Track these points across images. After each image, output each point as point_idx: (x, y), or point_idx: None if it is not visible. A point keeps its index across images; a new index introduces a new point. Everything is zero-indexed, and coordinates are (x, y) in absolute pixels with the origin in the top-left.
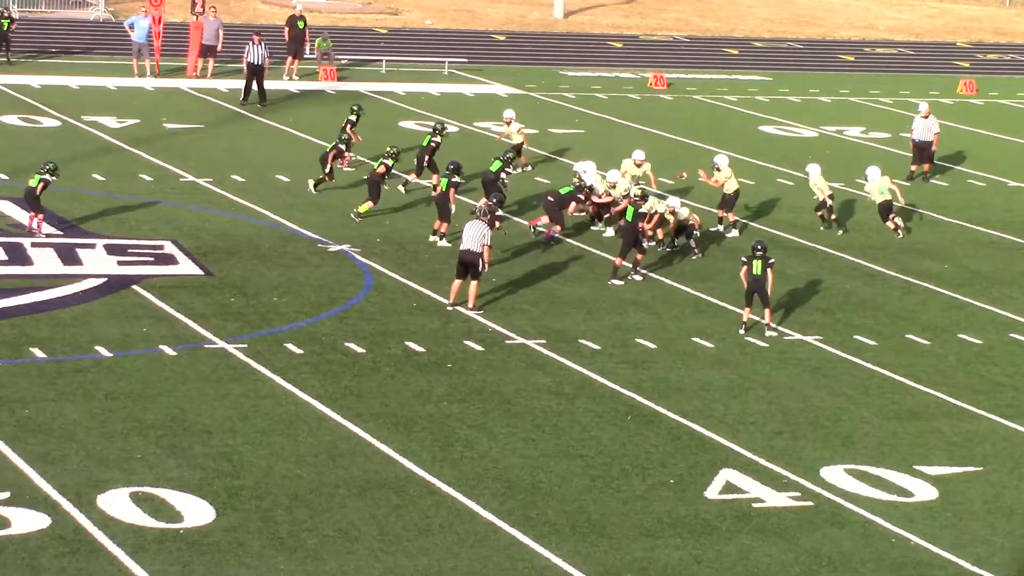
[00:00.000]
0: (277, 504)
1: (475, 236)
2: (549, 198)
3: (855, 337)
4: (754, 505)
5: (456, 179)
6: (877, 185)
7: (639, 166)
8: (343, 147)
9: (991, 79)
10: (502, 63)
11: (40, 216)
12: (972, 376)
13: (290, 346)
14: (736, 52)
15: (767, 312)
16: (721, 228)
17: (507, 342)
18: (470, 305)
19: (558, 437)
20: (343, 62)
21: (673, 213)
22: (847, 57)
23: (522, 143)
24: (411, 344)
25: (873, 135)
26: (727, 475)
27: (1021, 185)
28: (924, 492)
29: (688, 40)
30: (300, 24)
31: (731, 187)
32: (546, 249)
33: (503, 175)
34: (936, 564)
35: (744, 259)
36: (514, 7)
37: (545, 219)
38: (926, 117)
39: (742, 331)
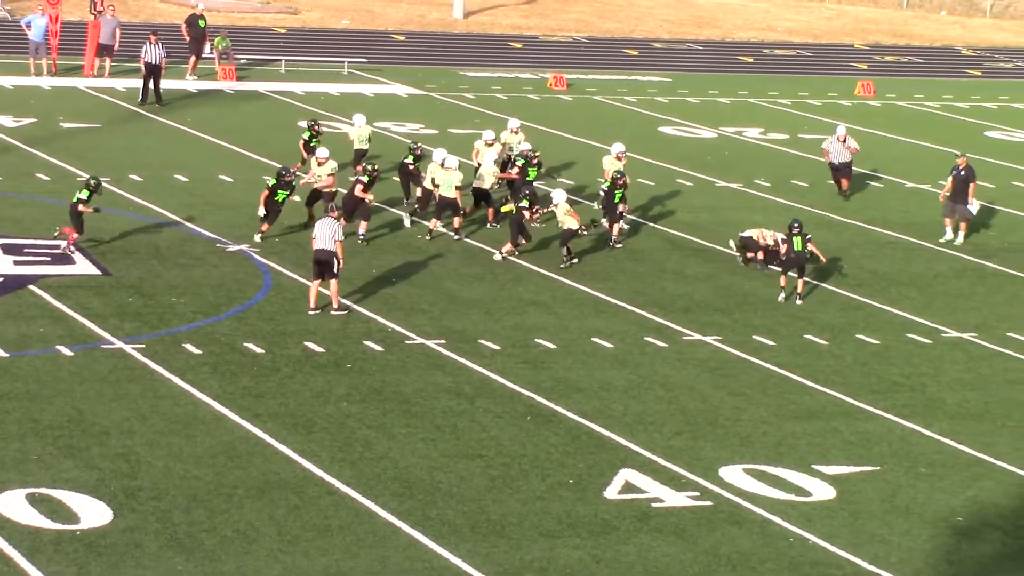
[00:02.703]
0: (175, 505)
1: (327, 234)
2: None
3: (754, 337)
4: (653, 505)
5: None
6: (359, 133)
7: (490, 145)
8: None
9: (888, 81)
10: (402, 63)
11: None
12: (869, 376)
13: (188, 346)
14: (636, 53)
15: (800, 283)
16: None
17: (407, 342)
18: (334, 306)
19: (458, 437)
20: (242, 61)
21: (556, 207)
22: (746, 59)
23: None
24: (310, 344)
25: (772, 136)
26: (626, 475)
27: (918, 186)
28: (822, 491)
29: (588, 41)
30: (201, 23)
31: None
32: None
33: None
34: (833, 563)
35: (783, 237)
36: (414, 7)
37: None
38: (843, 141)
39: (781, 298)
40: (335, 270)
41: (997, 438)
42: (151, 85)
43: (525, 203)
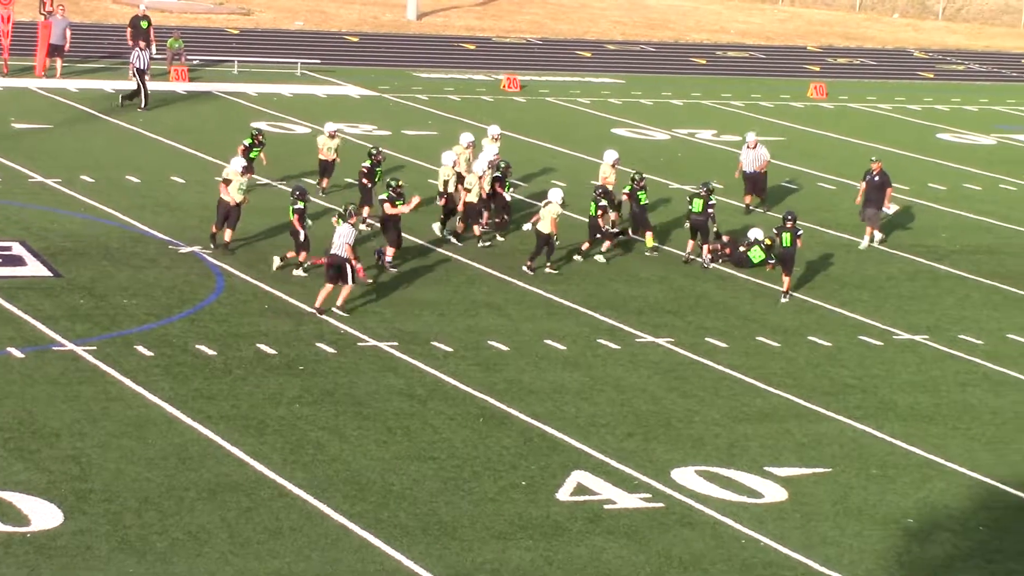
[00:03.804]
0: (126, 507)
1: (340, 240)
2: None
3: (706, 339)
4: (605, 507)
5: (299, 205)
6: (328, 143)
7: (467, 148)
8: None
9: (841, 83)
10: (355, 64)
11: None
12: (821, 378)
13: (140, 348)
14: (589, 55)
15: (786, 280)
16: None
17: (359, 344)
18: (338, 303)
19: (410, 439)
20: (194, 62)
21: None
22: (699, 60)
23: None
24: (262, 346)
25: (724, 138)
26: (578, 477)
27: None
28: (774, 493)
29: (541, 42)
30: (144, 24)
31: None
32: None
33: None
34: (786, 565)
35: (775, 230)
36: (367, 8)
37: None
38: (754, 148)
39: (785, 299)
40: (348, 277)
41: (948, 440)
42: (143, 86)
43: (604, 203)
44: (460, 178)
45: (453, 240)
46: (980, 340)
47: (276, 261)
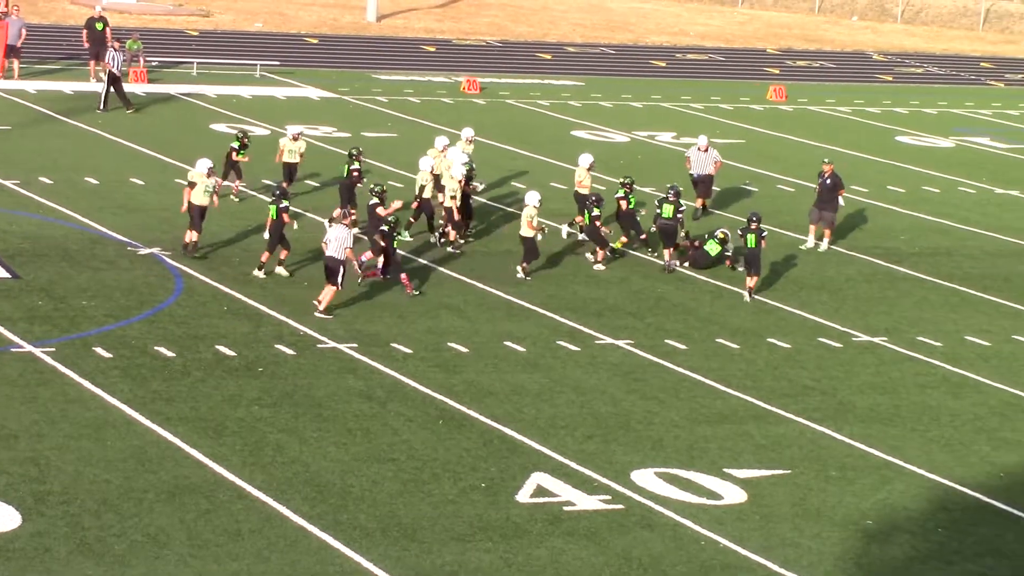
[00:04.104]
0: (84, 509)
1: (338, 243)
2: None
3: (666, 341)
4: (565, 508)
5: (284, 203)
6: (291, 145)
7: (442, 151)
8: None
9: (800, 85)
10: (315, 66)
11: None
12: (780, 380)
13: (99, 350)
14: (549, 57)
15: (753, 279)
16: None
17: (319, 346)
18: (320, 308)
19: (369, 441)
20: (154, 64)
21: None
22: (659, 63)
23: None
24: (222, 348)
25: (684, 140)
26: (538, 479)
27: None
28: (733, 495)
29: (501, 45)
30: (99, 26)
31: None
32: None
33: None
34: (745, 566)
35: (740, 231)
36: (327, 10)
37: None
38: (705, 151)
39: (747, 299)
40: (338, 279)
41: (906, 441)
42: (112, 90)
43: (596, 211)
44: (436, 181)
45: (437, 241)
46: (938, 342)
47: (283, 272)
